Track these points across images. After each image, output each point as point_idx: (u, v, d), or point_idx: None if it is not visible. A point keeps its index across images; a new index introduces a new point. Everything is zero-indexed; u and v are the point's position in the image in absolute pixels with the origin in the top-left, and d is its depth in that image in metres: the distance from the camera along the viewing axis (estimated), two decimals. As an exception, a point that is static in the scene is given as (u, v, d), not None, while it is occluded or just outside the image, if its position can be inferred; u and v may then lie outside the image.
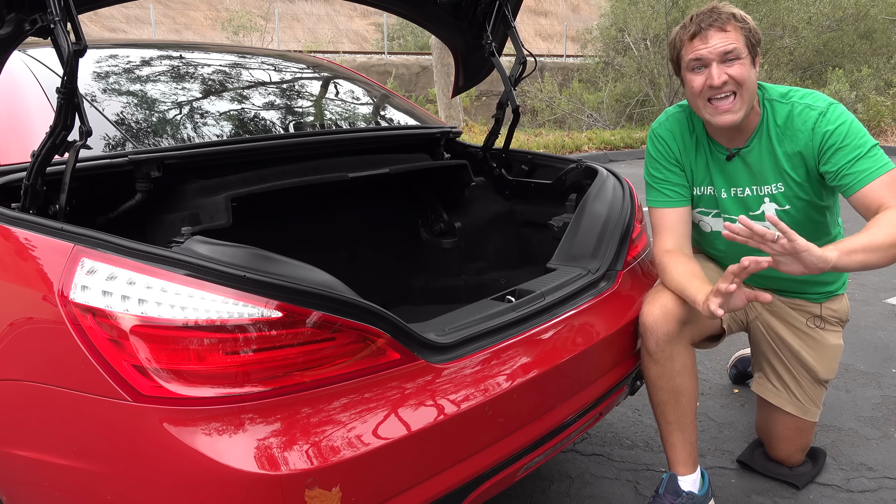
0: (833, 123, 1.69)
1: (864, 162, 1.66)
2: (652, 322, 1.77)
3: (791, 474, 2.09)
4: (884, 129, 12.00)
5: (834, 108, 1.71)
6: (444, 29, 2.43)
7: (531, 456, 1.50)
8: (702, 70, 1.70)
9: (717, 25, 1.67)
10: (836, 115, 1.70)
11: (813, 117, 1.71)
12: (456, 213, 2.45)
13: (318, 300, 1.16)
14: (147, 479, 1.11)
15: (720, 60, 1.67)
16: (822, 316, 1.98)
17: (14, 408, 1.25)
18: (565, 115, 13.66)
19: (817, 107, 1.72)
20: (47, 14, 1.21)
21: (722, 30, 1.66)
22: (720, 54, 1.66)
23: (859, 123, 1.71)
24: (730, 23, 1.67)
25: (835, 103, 1.73)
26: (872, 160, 1.66)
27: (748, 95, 1.70)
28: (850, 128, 1.68)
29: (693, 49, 1.70)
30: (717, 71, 1.67)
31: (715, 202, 1.90)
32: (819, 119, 1.70)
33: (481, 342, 1.44)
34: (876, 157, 1.66)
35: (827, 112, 1.70)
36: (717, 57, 1.67)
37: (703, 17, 1.69)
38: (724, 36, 1.66)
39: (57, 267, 1.18)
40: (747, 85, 1.69)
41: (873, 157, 1.66)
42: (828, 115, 1.70)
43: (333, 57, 14.22)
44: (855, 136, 1.68)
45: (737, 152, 1.81)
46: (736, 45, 1.66)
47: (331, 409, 1.18)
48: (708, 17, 1.68)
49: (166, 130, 1.73)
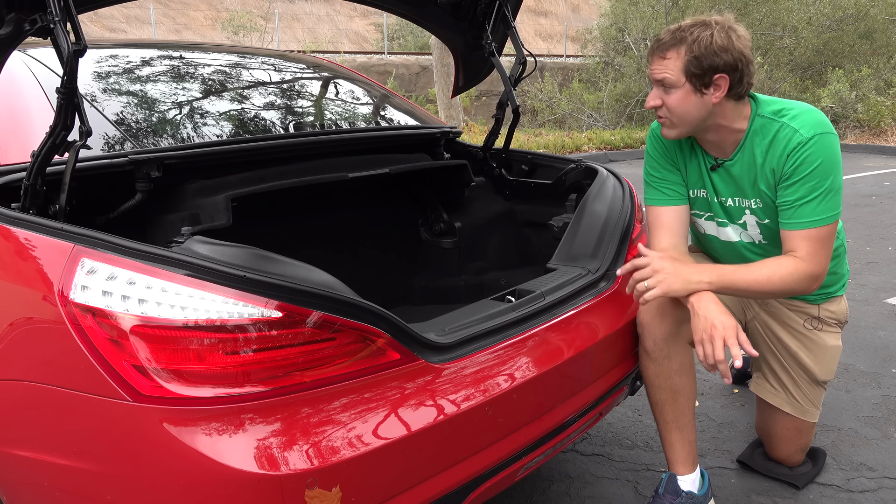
0: (805, 157, 1.67)
1: (806, 207, 1.69)
2: (649, 321, 1.77)
3: (791, 474, 2.09)
4: (884, 129, 12.00)
5: (818, 140, 1.67)
6: (444, 29, 2.43)
7: (531, 456, 1.50)
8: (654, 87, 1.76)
9: (658, 53, 1.69)
10: (815, 149, 1.67)
11: (794, 143, 1.69)
12: (456, 213, 2.44)
13: (318, 300, 1.16)
14: (147, 479, 1.11)
15: (658, 85, 1.72)
16: (819, 317, 1.97)
17: (14, 408, 1.25)
18: (565, 115, 13.66)
19: (802, 134, 1.68)
20: (47, 14, 1.21)
21: (662, 58, 1.68)
22: (655, 80, 1.72)
23: (835, 161, 1.68)
24: (672, 50, 1.66)
25: (824, 133, 1.68)
26: (817, 209, 1.68)
27: (680, 121, 1.72)
28: (819, 167, 1.66)
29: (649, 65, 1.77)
30: (652, 94, 1.74)
31: (708, 205, 1.91)
32: (798, 148, 1.68)
33: (481, 342, 1.44)
34: (822, 205, 1.67)
35: (807, 143, 1.67)
36: (655, 81, 1.72)
37: (662, 36, 1.71)
38: (661, 64, 1.69)
39: (57, 267, 1.18)
40: (679, 112, 1.70)
41: (819, 204, 1.67)
42: (807, 146, 1.67)
43: (333, 57, 14.22)
44: (819, 176, 1.67)
45: (721, 163, 1.82)
46: (668, 75, 1.67)
47: (331, 409, 1.18)
48: (660, 40, 1.70)
49: (166, 130, 1.73)
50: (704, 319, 1.66)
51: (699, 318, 1.67)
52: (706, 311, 1.66)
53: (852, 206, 6.29)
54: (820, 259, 1.70)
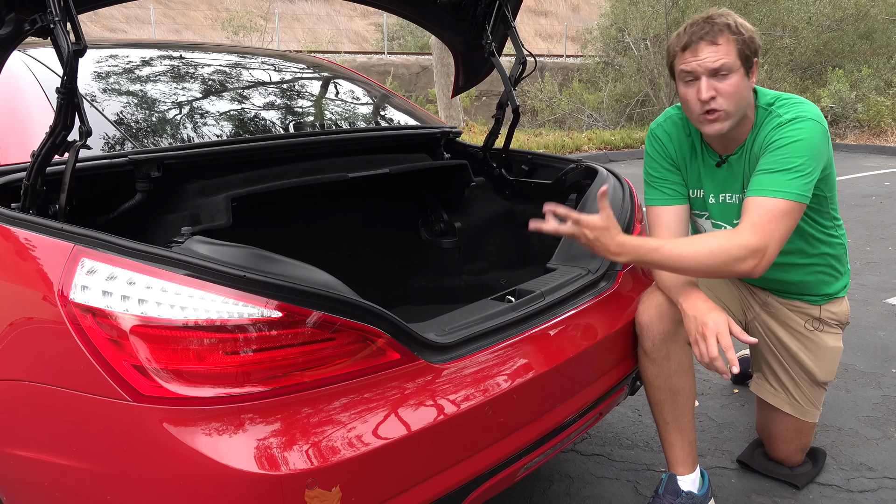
0: (782, 135, 1.66)
1: (768, 177, 1.63)
2: (648, 321, 1.77)
3: (791, 474, 2.09)
4: (884, 129, 12.00)
5: (797, 122, 1.65)
6: (444, 29, 2.43)
7: (531, 456, 1.50)
8: (692, 83, 1.67)
9: (707, 38, 1.62)
10: (792, 128, 1.65)
11: (773, 124, 1.69)
12: (456, 213, 2.44)
13: (318, 300, 1.16)
14: (147, 479, 1.11)
15: (710, 75, 1.64)
16: (820, 318, 1.97)
17: (14, 408, 1.25)
18: (565, 115, 13.66)
19: (785, 117, 1.68)
20: (47, 14, 1.21)
21: (713, 43, 1.62)
22: (709, 69, 1.63)
23: (813, 146, 1.64)
24: (722, 35, 1.62)
25: (804, 118, 1.66)
26: (777, 181, 1.61)
27: (737, 108, 1.67)
28: (793, 144, 1.63)
29: (684, 61, 1.67)
30: (705, 85, 1.64)
31: (703, 205, 1.91)
32: (776, 128, 1.68)
33: (481, 342, 1.44)
34: (784, 179, 1.61)
35: (786, 124, 1.66)
36: (707, 71, 1.64)
37: (696, 27, 1.65)
38: (714, 50, 1.62)
39: (57, 267, 1.18)
40: (736, 98, 1.66)
41: (782, 177, 1.61)
42: (785, 126, 1.66)
43: (333, 57, 14.22)
44: (791, 153, 1.63)
45: (726, 159, 1.82)
46: (726, 60, 1.62)
47: (331, 409, 1.18)
48: (700, 29, 1.64)
49: (166, 130, 1.73)
50: (694, 319, 1.66)
51: (689, 318, 1.67)
52: (695, 310, 1.67)
53: (852, 206, 6.29)
54: (765, 232, 1.57)
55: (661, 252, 1.61)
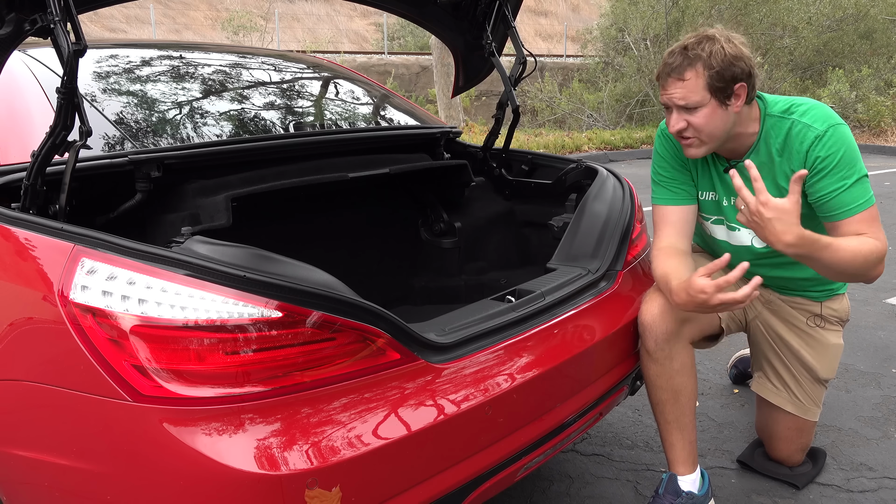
0: (827, 150, 1.67)
1: (846, 195, 1.66)
2: (650, 321, 1.77)
3: (791, 474, 2.09)
4: (884, 129, 12.00)
5: (833, 131, 1.68)
6: (444, 29, 2.43)
7: (531, 456, 1.50)
8: (669, 110, 1.72)
9: (674, 75, 1.66)
10: (832, 140, 1.68)
11: (809, 139, 1.69)
12: (456, 213, 2.44)
13: (318, 300, 1.16)
14: (147, 479, 1.11)
15: (678, 108, 1.68)
16: (822, 315, 1.98)
17: (14, 408, 1.25)
18: (565, 115, 13.65)
19: (816, 128, 1.69)
20: (47, 14, 1.21)
21: (680, 79, 1.65)
22: (676, 105, 1.68)
23: (854, 150, 1.69)
24: (691, 69, 1.64)
25: (835, 125, 1.69)
26: (855, 194, 1.66)
27: (710, 136, 1.70)
28: (843, 156, 1.67)
29: (661, 90, 1.73)
30: (675, 118, 1.70)
31: (717, 208, 1.91)
32: (815, 142, 1.69)
33: (481, 342, 1.44)
34: (859, 191, 1.66)
35: (824, 136, 1.68)
36: (675, 106, 1.69)
37: (671, 59, 1.67)
38: (681, 86, 1.65)
39: (57, 267, 1.18)
40: (708, 129, 1.68)
41: (857, 190, 1.66)
42: (824, 139, 1.68)
43: (333, 57, 14.21)
44: (845, 166, 1.67)
45: (734, 165, 1.82)
46: (692, 97, 1.65)
47: (331, 409, 1.18)
48: (673, 62, 1.66)
49: (166, 130, 1.73)
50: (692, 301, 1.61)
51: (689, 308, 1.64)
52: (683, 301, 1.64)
53: (852, 206, 6.29)
54: (884, 238, 1.67)
55: (830, 249, 1.60)
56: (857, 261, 1.62)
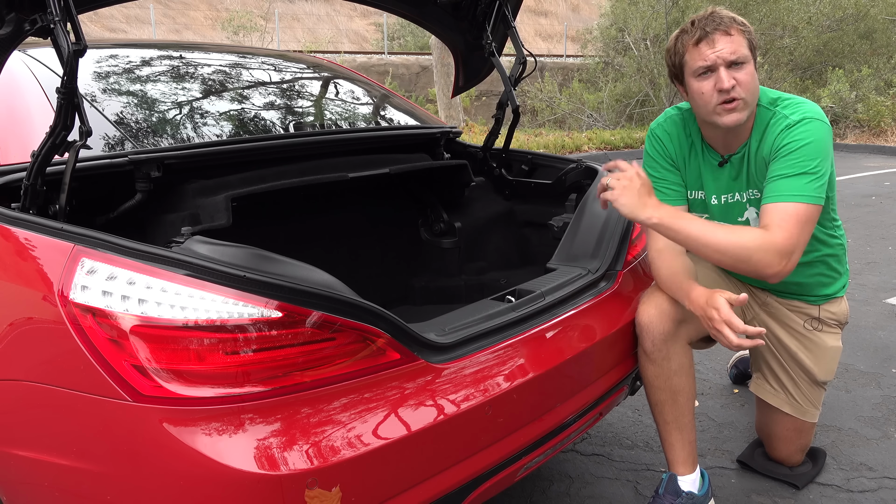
0: (792, 138, 1.67)
1: (783, 182, 1.64)
2: (648, 321, 1.77)
3: (791, 474, 2.09)
4: (884, 129, 12.00)
5: (805, 123, 1.67)
6: (444, 29, 2.43)
7: (531, 456, 1.50)
8: (708, 75, 1.68)
9: (721, 29, 1.65)
10: (801, 130, 1.67)
11: (780, 127, 1.70)
12: (456, 213, 2.44)
13: (318, 300, 1.16)
14: (147, 480, 1.11)
15: (727, 65, 1.65)
16: (819, 318, 1.97)
17: (14, 408, 1.25)
18: (565, 115, 13.66)
19: (791, 118, 1.69)
20: (47, 14, 1.21)
21: (727, 34, 1.65)
22: (727, 60, 1.65)
23: (822, 147, 1.66)
24: (733, 26, 1.66)
25: (811, 119, 1.68)
26: (792, 185, 1.63)
27: (753, 98, 1.70)
28: (806, 147, 1.65)
29: (700, 54, 1.68)
30: (725, 75, 1.65)
31: (703, 206, 1.92)
32: (784, 130, 1.69)
33: (481, 342, 1.44)
34: (799, 184, 1.62)
35: (795, 126, 1.68)
36: (725, 62, 1.65)
37: (707, 21, 1.67)
38: (729, 40, 1.65)
39: (57, 267, 1.18)
40: (752, 88, 1.68)
41: (797, 182, 1.63)
42: (794, 128, 1.68)
43: (333, 57, 14.22)
44: (803, 156, 1.64)
45: (728, 158, 1.82)
46: (741, 50, 1.65)
47: (331, 409, 1.18)
48: (712, 22, 1.66)
49: (166, 130, 1.73)
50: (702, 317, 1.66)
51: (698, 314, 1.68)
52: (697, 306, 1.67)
53: (852, 206, 6.29)
54: (791, 236, 1.59)
55: (695, 223, 1.61)
56: (729, 251, 1.58)
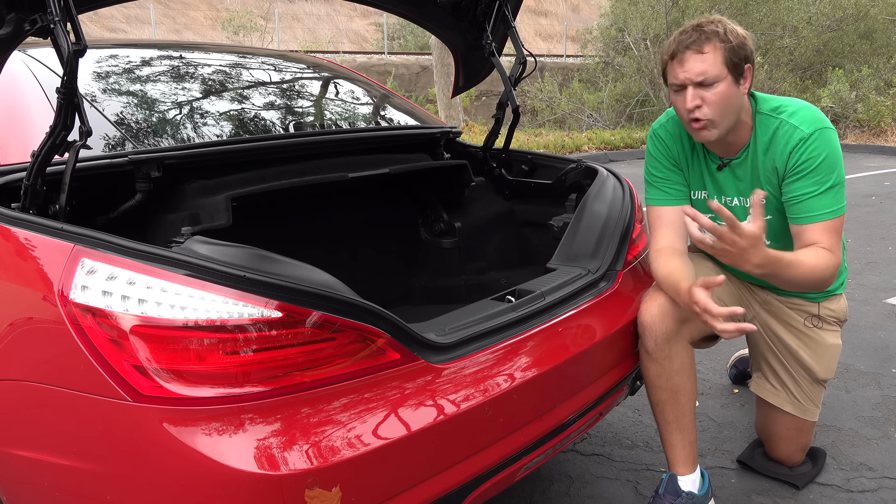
0: (809, 153, 1.68)
1: (816, 200, 1.68)
2: (650, 321, 1.77)
3: (791, 474, 2.09)
4: (884, 129, 12.00)
5: (819, 134, 1.68)
6: (444, 29, 2.43)
7: (531, 456, 1.50)
8: (681, 91, 1.69)
9: (694, 48, 1.64)
10: (816, 143, 1.68)
11: (794, 140, 1.70)
12: (456, 213, 2.44)
13: (318, 300, 1.16)
14: (147, 480, 1.11)
15: (695, 84, 1.66)
16: (819, 315, 1.98)
17: (14, 408, 1.25)
18: (565, 115, 13.66)
19: (802, 130, 1.69)
20: (47, 14, 1.21)
21: (699, 52, 1.64)
22: (694, 80, 1.65)
23: (837, 155, 1.69)
24: (709, 43, 1.63)
25: (822, 128, 1.69)
26: (825, 201, 1.67)
27: (723, 117, 1.69)
28: (824, 161, 1.67)
29: (672, 71, 1.69)
30: (690, 95, 1.66)
31: (707, 207, 1.91)
32: (799, 144, 1.69)
33: (481, 342, 1.44)
34: (830, 198, 1.67)
35: (809, 139, 1.69)
36: (692, 81, 1.65)
37: (685, 36, 1.67)
38: (700, 59, 1.63)
39: (57, 267, 1.18)
40: (722, 107, 1.67)
41: (827, 197, 1.67)
42: (808, 141, 1.68)
43: (333, 57, 14.21)
44: (823, 170, 1.67)
45: (728, 163, 1.83)
46: (710, 70, 1.63)
47: (331, 409, 1.18)
48: (688, 38, 1.66)
49: (166, 130, 1.73)
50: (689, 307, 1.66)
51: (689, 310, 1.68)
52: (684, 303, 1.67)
53: (852, 206, 6.29)
54: (839, 251, 1.70)
55: (792, 266, 1.63)
56: (814, 275, 1.66)
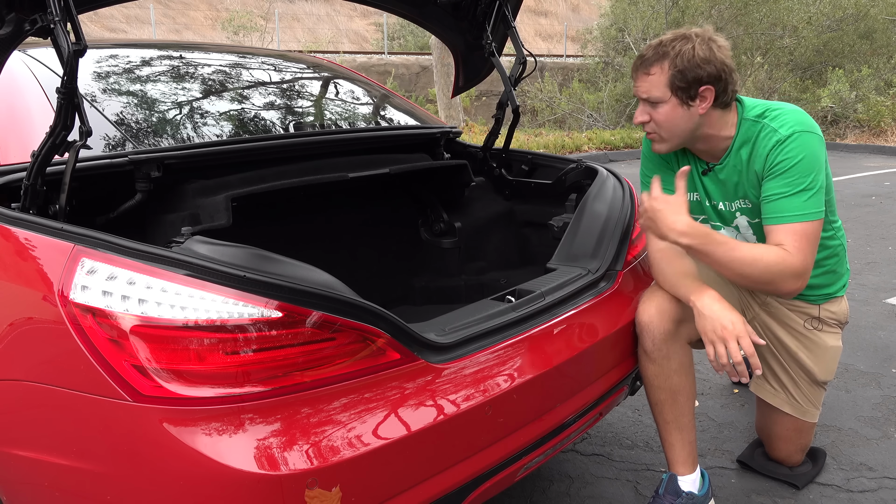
0: (785, 154, 1.68)
1: (785, 202, 1.67)
2: (648, 321, 1.77)
3: (791, 474, 2.09)
4: (884, 129, 12.00)
5: (796, 137, 1.68)
6: (444, 29, 2.43)
7: (531, 456, 1.50)
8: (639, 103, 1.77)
9: (642, 70, 1.71)
10: (793, 146, 1.68)
11: (772, 143, 1.71)
12: (456, 213, 2.44)
13: (318, 300, 1.16)
14: (147, 480, 1.11)
15: (643, 102, 1.74)
16: (820, 318, 1.97)
17: (14, 408, 1.25)
18: (565, 115, 13.65)
19: (781, 133, 1.70)
20: (47, 14, 1.21)
21: (646, 74, 1.70)
22: (641, 98, 1.73)
23: (815, 160, 1.68)
24: (657, 65, 1.68)
25: (802, 131, 1.69)
26: (794, 203, 1.66)
27: (671, 134, 1.74)
28: (799, 163, 1.67)
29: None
30: (639, 110, 1.76)
31: (700, 208, 1.93)
32: (776, 146, 1.70)
33: (481, 342, 1.44)
34: (800, 201, 1.66)
35: (786, 141, 1.69)
36: (641, 98, 1.74)
37: (645, 52, 1.73)
38: (645, 80, 1.71)
39: (57, 267, 1.18)
40: (667, 126, 1.72)
41: (798, 200, 1.66)
42: (785, 144, 1.69)
43: (333, 57, 14.21)
44: (798, 173, 1.67)
45: (712, 168, 1.84)
46: (653, 92, 1.69)
47: (331, 409, 1.18)
48: (644, 55, 1.72)
49: (166, 130, 1.73)
50: (712, 320, 1.66)
51: (705, 319, 1.67)
52: (711, 311, 1.67)
53: (852, 206, 6.29)
54: (806, 256, 1.66)
55: (726, 247, 1.64)
56: (757, 267, 1.64)
